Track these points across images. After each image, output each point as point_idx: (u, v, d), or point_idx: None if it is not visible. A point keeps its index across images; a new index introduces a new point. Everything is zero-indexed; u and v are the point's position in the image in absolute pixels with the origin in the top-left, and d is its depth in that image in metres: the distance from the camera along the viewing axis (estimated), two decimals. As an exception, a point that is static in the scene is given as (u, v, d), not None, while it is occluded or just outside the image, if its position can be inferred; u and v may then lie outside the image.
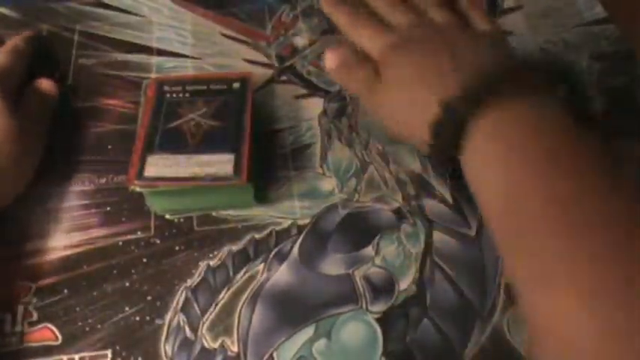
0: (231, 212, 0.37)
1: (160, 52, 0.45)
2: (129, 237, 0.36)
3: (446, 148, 0.30)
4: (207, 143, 0.35)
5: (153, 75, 0.44)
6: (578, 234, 0.24)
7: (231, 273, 0.35)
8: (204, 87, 0.39)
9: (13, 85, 0.38)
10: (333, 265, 0.35)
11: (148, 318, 0.33)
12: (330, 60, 0.36)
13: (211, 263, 0.35)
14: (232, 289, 0.34)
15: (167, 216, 0.37)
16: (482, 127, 0.28)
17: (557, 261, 0.24)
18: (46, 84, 0.40)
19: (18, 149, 0.35)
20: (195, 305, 0.34)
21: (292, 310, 0.33)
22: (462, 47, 0.33)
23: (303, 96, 0.43)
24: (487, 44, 0.34)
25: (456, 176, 0.34)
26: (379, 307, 0.34)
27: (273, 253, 0.36)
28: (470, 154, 0.29)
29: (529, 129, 0.28)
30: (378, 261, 0.35)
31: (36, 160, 0.38)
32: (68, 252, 0.36)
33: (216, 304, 0.34)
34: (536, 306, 0.25)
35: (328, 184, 0.39)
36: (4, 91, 0.36)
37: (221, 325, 0.33)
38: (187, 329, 0.33)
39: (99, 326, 0.33)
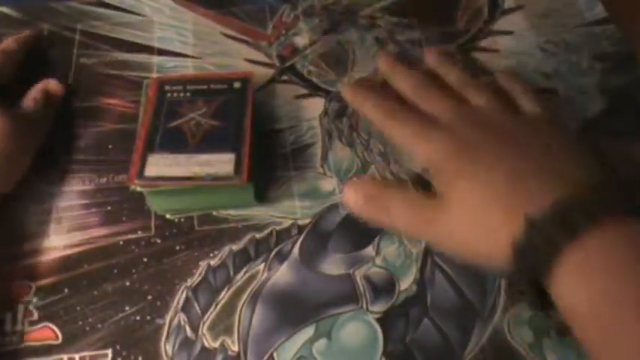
0: (231, 212, 0.37)
1: (161, 52, 0.45)
2: (129, 236, 0.36)
3: (530, 272, 0.26)
4: (208, 143, 0.36)
5: (154, 74, 0.44)
6: None
7: (231, 273, 0.35)
8: (205, 86, 0.39)
9: (3, 83, 0.39)
10: (333, 265, 0.35)
11: (148, 317, 0.33)
12: (353, 197, 0.30)
13: (212, 263, 0.35)
14: (233, 289, 0.34)
15: (167, 215, 0.37)
16: (578, 250, 0.24)
17: None
18: (52, 84, 0.41)
19: (11, 146, 0.35)
20: (196, 305, 0.34)
21: (293, 310, 0.33)
22: (535, 152, 0.28)
23: (304, 96, 0.43)
24: (570, 144, 0.29)
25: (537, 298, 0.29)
26: (379, 307, 0.34)
27: (273, 252, 0.36)
28: (561, 280, 0.25)
29: (632, 255, 0.24)
30: (378, 261, 0.35)
31: (30, 159, 0.38)
32: (69, 251, 0.36)
33: (217, 304, 0.34)
34: None
35: (329, 184, 0.39)
36: None
37: (221, 325, 0.33)
38: (188, 329, 0.33)
39: (99, 326, 0.33)
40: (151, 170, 0.34)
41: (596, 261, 0.24)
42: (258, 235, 0.36)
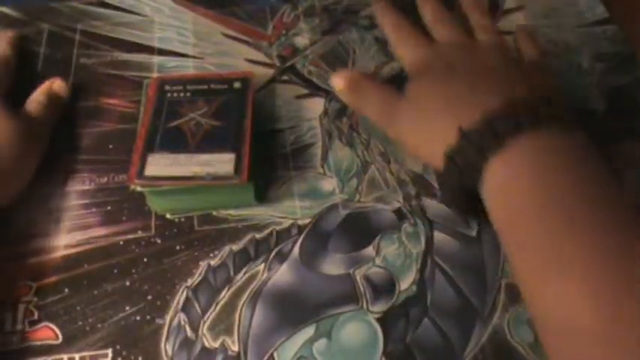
0: (231, 212, 0.37)
1: (161, 52, 0.45)
2: (129, 236, 0.36)
3: (460, 174, 0.29)
4: (208, 143, 0.36)
5: (154, 74, 0.44)
6: (587, 227, 0.25)
7: (231, 273, 0.35)
8: (205, 86, 0.39)
9: (4, 90, 0.39)
10: (333, 265, 0.35)
11: (148, 317, 0.33)
12: (338, 81, 0.36)
13: (212, 263, 0.35)
14: (233, 289, 0.34)
15: (168, 215, 0.37)
16: (503, 158, 0.27)
17: (563, 250, 0.25)
18: (57, 84, 0.41)
19: (18, 150, 0.36)
20: (196, 305, 0.34)
21: (293, 310, 0.33)
22: (499, 73, 0.32)
23: (304, 96, 0.43)
24: (527, 73, 0.33)
25: (460, 208, 0.34)
26: (380, 307, 0.34)
27: (273, 253, 0.36)
28: (488, 187, 0.28)
29: (554, 163, 0.27)
30: (378, 261, 0.35)
31: (37, 161, 0.38)
32: (69, 251, 0.36)
33: (217, 304, 0.34)
34: (541, 293, 0.25)
35: (329, 184, 0.39)
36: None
37: (221, 325, 0.33)
38: (188, 329, 0.33)
39: (99, 325, 0.33)
40: (151, 170, 0.34)
41: (519, 168, 0.27)
42: (258, 235, 0.36)
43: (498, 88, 0.30)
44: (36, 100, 0.39)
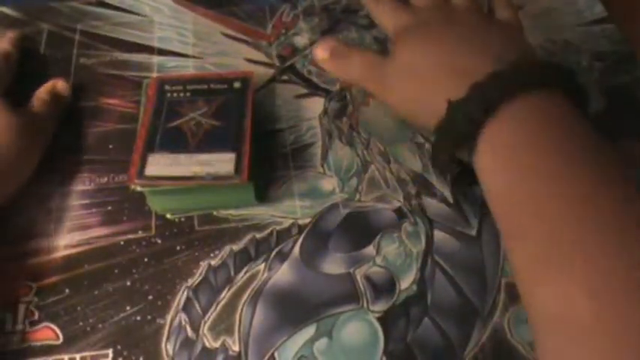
0: (232, 212, 0.37)
1: (161, 52, 0.45)
2: (130, 236, 0.36)
3: (453, 144, 0.29)
4: (208, 142, 0.36)
5: (154, 74, 0.44)
6: (584, 220, 0.24)
7: (232, 272, 0.35)
8: (205, 86, 0.39)
9: (5, 87, 0.39)
10: (334, 264, 0.35)
11: (149, 317, 0.33)
12: (320, 51, 0.36)
13: (212, 263, 0.35)
14: (233, 289, 0.34)
15: (168, 215, 0.37)
16: (495, 125, 0.28)
17: (561, 245, 0.24)
18: (60, 84, 0.41)
19: (18, 147, 0.35)
20: (197, 305, 0.34)
21: (293, 310, 0.33)
22: (482, 33, 0.32)
23: (304, 95, 0.43)
24: (508, 33, 0.33)
25: (456, 176, 0.34)
26: (380, 307, 0.34)
27: (274, 252, 0.36)
28: (488, 143, 0.28)
29: (550, 119, 0.27)
30: (379, 260, 0.35)
31: (37, 159, 0.38)
32: (69, 251, 0.36)
33: (218, 304, 0.34)
34: (537, 285, 0.25)
35: (329, 183, 0.39)
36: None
37: (222, 325, 0.33)
38: (188, 329, 0.33)
39: (100, 326, 0.33)
40: (151, 170, 0.34)
41: (511, 135, 0.27)
42: (258, 235, 0.36)
43: (487, 51, 0.31)
44: (39, 98, 0.39)
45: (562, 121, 0.28)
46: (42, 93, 0.40)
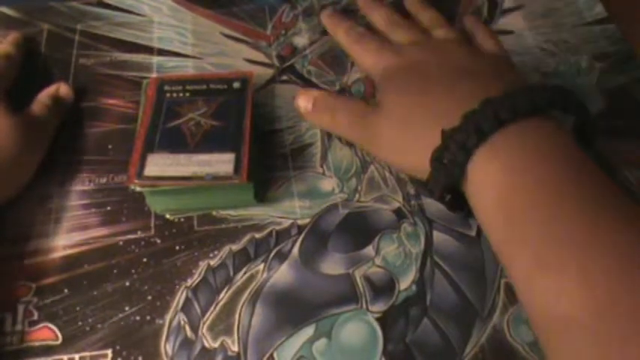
0: (231, 212, 0.37)
1: (161, 52, 0.45)
2: (129, 237, 0.36)
3: (447, 175, 0.29)
4: (208, 143, 0.36)
5: (153, 74, 0.44)
6: (580, 219, 0.25)
7: (231, 273, 0.35)
8: (205, 86, 0.39)
9: (5, 88, 0.39)
10: (333, 264, 0.35)
11: (148, 318, 0.33)
12: (303, 102, 0.36)
13: (211, 263, 0.35)
14: (232, 289, 0.34)
15: (167, 215, 0.37)
16: (486, 151, 0.28)
17: (558, 245, 0.25)
18: (63, 88, 0.41)
19: (18, 150, 0.35)
20: (196, 305, 0.34)
21: (292, 310, 0.33)
22: (467, 71, 0.32)
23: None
24: (494, 63, 0.33)
25: (452, 208, 0.33)
26: (379, 307, 0.34)
27: (273, 252, 0.36)
28: (473, 181, 0.28)
29: (536, 154, 0.27)
30: (378, 261, 0.35)
31: (36, 163, 0.38)
32: (68, 251, 0.36)
33: (217, 304, 0.34)
34: (536, 289, 0.25)
35: (328, 183, 0.39)
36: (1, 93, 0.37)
37: (221, 325, 0.33)
38: (188, 329, 0.33)
39: (99, 326, 0.33)
40: (150, 170, 0.34)
41: (502, 159, 0.27)
42: (257, 235, 0.36)
43: (474, 86, 0.30)
44: (41, 101, 0.39)
45: (555, 145, 0.28)
46: (44, 96, 0.40)
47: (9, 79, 0.40)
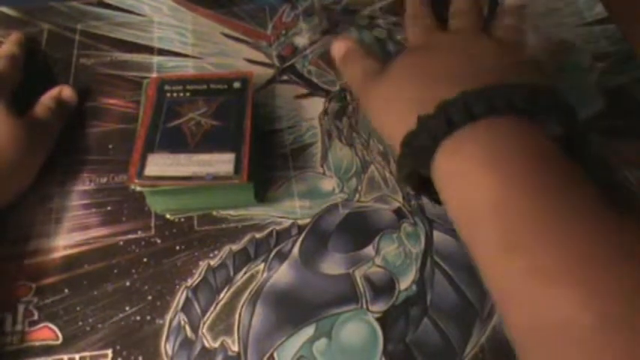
0: (231, 212, 0.37)
1: (161, 52, 0.45)
2: (129, 236, 0.36)
3: (415, 159, 0.29)
4: (208, 142, 0.36)
5: (154, 74, 0.44)
6: (570, 226, 0.24)
7: (231, 273, 0.35)
8: (205, 86, 0.39)
9: (11, 90, 0.39)
10: (333, 264, 0.35)
11: (148, 318, 0.33)
12: (338, 48, 0.38)
13: (212, 263, 0.35)
14: (233, 289, 0.34)
15: (167, 215, 0.37)
16: (452, 143, 0.27)
17: (548, 254, 0.24)
18: (66, 91, 0.41)
19: (20, 152, 0.35)
20: (196, 305, 0.34)
21: (293, 310, 0.33)
22: (475, 62, 0.32)
23: (304, 96, 0.43)
24: (501, 61, 0.32)
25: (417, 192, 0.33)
26: (379, 307, 0.34)
27: (273, 252, 0.36)
28: (438, 171, 0.28)
29: (502, 151, 0.27)
30: (378, 261, 0.35)
31: (38, 165, 0.37)
32: (69, 251, 0.36)
33: (217, 304, 0.34)
34: (528, 301, 0.24)
35: (329, 183, 0.39)
36: (3, 96, 0.37)
37: (221, 325, 0.33)
38: (188, 329, 0.33)
39: (99, 326, 0.33)
40: (151, 170, 0.34)
41: (468, 153, 0.27)
42: (258, 235, 0.36)
43: (467, 76, 0.30)
44: (44, 104, 0.39)
45: (525, 143, 0.27)
46: (47, 99, 0.39)
47: (14, 80, 0.40)
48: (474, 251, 0.28)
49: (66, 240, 0.36)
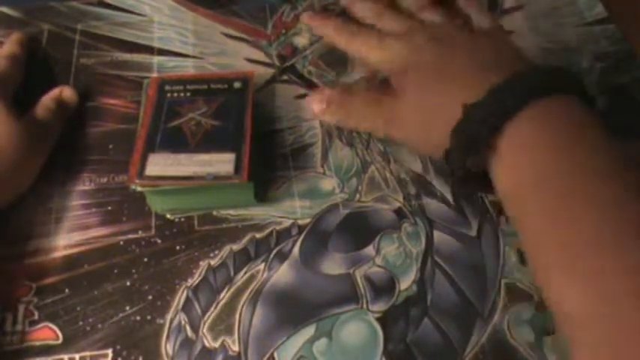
0: (231, 212, 0.37)
1: (161, 52, 0.45)
2: (130, 236, 0.36)
3: (468, 149, 0.29)
4: (208, 142, 0.36)
5: (154, 74, 0.44)
6: (601, 206, 0.24)
7: (231, 272, 0.35)
8: (205, 86, 0.39)
9: (12, 90, 0.39)
10: (333, 264, 0.35)
11: (148, 317, 0.33)
12: (316, 104, 0.35)
13: (212, 263, 0.35)
14: (233, 289, 0.34)
15: (168, 215, 0.37)
16: (511, 128, 0.27)
17: (553, 246, 0.25)
18: (67, 92, 0.41)
19: (21, 153, 0.35)
20: (196, 305, 0.34)
21: (293, 310, 0.33)
22: (475, 48, 0.32)
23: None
24: (497, 42, 0.33)
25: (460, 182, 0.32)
26: (380, 307, 0.34)
27: (273, 252, 0.36)
28: (506, 146, 0.28)
29: (566, 131, 0.27)
30: (378, 261, 0.35)
31: (38, 166, 0.37)
32: (69, 251, 0.36)
33: (217, 304, 0.34)
34: (548, 289, 0.25)
35: (329, 183, 0.39)
36: (4, 96, 0.37)
37: (222, 325, 0.33)
38: (188, 329, 0.33)
39: (100, 326, 0.33)
40: (151, 170, 0.34)
41: (527, 138, 0.27)
42: (258, 235, 0.36)
43: (494, 64, 0.30)
44: (44, 105, 0.39)
45: (583, 124, 0.27)
46: (48, 100, 0.39)
47: (15, 80, 0.40)
48: (530, 240, 0.27)
49: (66, 240, 0.36)
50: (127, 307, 0.34)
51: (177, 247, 0.36)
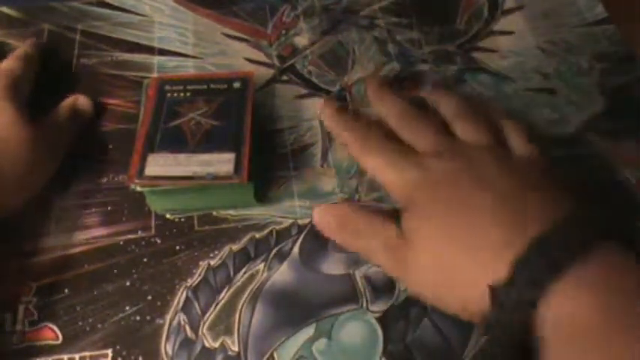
0: (231, 212, 0.37)
1: (162, 52, 0.45)
2: (129, 236, 0.36)
3: (512, 316, 0.24)
4: (208, 142, 0.36)
5: (154, 74, 0.44)
6: None
7: (231, 272, 0.35)
8: (205, 86, 0.39)
9: (26, 93, 0.38)
10: (333, 264, 0.35)
11: (148, 317, 0.33)
12: (325, 222, 0.31)
13: (212, 263, 0.35)
14: (233, 289, 0.34)
15: (167, 215, 0.37)
16: (563, 285, 0.23)
17: None
18: (81, 100, 0.40)
19: (33, 158, 0.35)
20: (196, 305, 0.34)
21: (292, 310, 0.33)
22: (505, 188, 0.27)
23: (304, 96, 0.43)
24: (538, 178, 0.28)
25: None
26: (379, 307, 0.34)
27: (273, 252, 0.36)
28: (548, 318, 0.23)
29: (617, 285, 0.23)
30: (378, 261, 0.35)
31: (49, 174, 0.37)
32: (69, 251, 0.36)
33: (217, 304, 0.34)
34: None
35: (329, 183, 0.39)
36: (18, 99, 0.36)
37: (221, 325, 0.33)
38: (188, 329, 0.33)
39: (99, 325, 0.33)
40: (151, 170, 0.34)
41: (581, 295, 0.23)
42: (258, 235, 0.36)
43: (518, 208, 0.26)
44: (59, 113, 0.39)
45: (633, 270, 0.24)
46: (63, 108, 0.39)
47: (29, 82, 0.39)
48: None
49: (66, 240, 0.36)
50: (127, 307, 0.34)
51: (177, 247, 0.36)
